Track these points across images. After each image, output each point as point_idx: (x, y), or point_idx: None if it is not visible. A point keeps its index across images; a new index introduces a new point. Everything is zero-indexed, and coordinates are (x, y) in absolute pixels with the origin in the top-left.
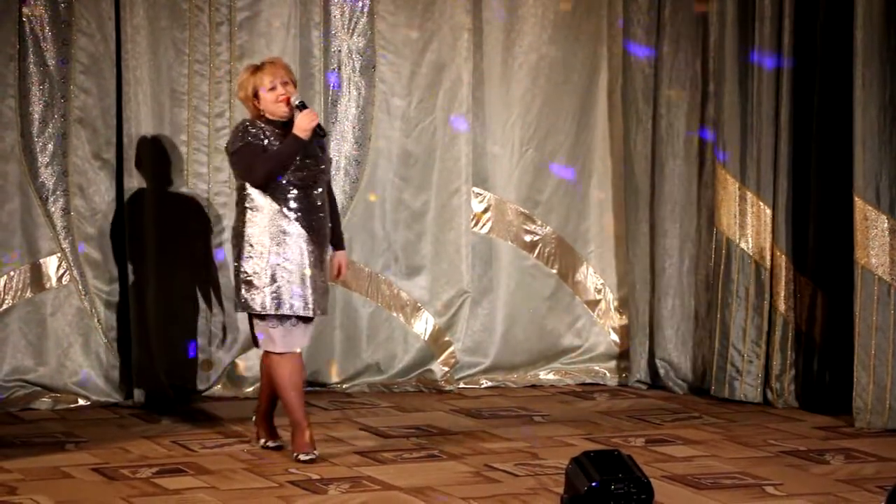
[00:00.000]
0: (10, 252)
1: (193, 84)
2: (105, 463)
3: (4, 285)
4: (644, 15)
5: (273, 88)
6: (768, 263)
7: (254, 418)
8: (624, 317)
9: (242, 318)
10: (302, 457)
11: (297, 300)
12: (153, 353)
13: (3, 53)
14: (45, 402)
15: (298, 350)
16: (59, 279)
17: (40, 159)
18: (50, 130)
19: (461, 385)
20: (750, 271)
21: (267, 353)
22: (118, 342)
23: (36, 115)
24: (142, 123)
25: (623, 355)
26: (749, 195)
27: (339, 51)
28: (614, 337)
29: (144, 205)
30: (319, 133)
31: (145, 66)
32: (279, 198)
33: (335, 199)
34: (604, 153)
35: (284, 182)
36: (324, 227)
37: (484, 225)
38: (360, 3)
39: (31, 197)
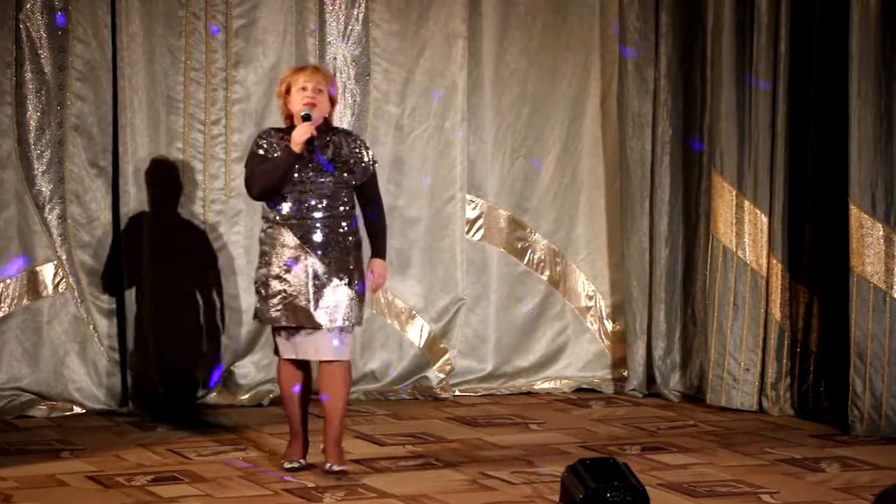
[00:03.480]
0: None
1: (189, 91)
2: (100, 471)
3: (1, 293)
4: (640, 22)
5: (304, 89)
6: (764, 271)
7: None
8: (616, 324)
9: (239, 323)
10: (286, 465)
11: (292, 312)
12: (149, 361)
13: (0, 61)
14: (40, 410)
15: (301, 358)
16: (56, 287)
17: (37, 167)
18: (46, 138)
19: (456, 393)
20: (746, 279)
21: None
22: (114, 350)
23: (32, 123)
24: (137, 131)
25: (617, 363)
26: (746, 203)
27: (335, 58)
28: (606, 343)
29: (140, 212)
30: (310, 147)
31: (141, 74)
32: (295, 210)
33: (380, 207)
34: (595, 160)
35: (301, 195)
36: (343, 240)
37: (476, 232)
38: (356, 12)
39: (27, 204)
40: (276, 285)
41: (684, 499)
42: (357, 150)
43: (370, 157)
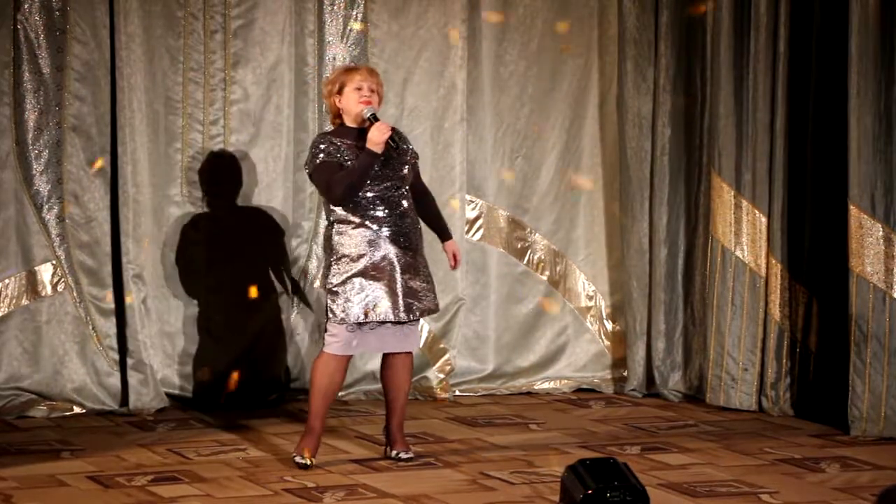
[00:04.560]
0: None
1: (188, 92)
2: (100, 471)
3: (0, 293)
4: (639, 22)
5: (360, 89)
6: (763, 271)
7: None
8: (616, 324)
9: (239, 323)
10: (297, 459)
11: (387, 307)
12: (148, 361)
13: None
14: (40, 410)
15: (379, 352)
16: (55, 287)
17: (35, 167)
18: (45, 138)
19: (456, 393)
20: (745, 279)
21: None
22: (113, 350)
23: (31, 123)
24: (136, 131)
25: (617, 363)
26: (744, 203)
27: (334, 59)
28: (606, 344)
29: (139, 212)
30: (393, 145)
31: (140, 74)
32: (364, 210)
33: (430, 193)
34: (594, 161)
35: (368, 195)
36: (412, 232)
37: (476, 232)
38: (355, 12)
39: (25, 204)
40: (362, 283)
41: (684, 499)
42: (408, 146)
43: (413, 150)
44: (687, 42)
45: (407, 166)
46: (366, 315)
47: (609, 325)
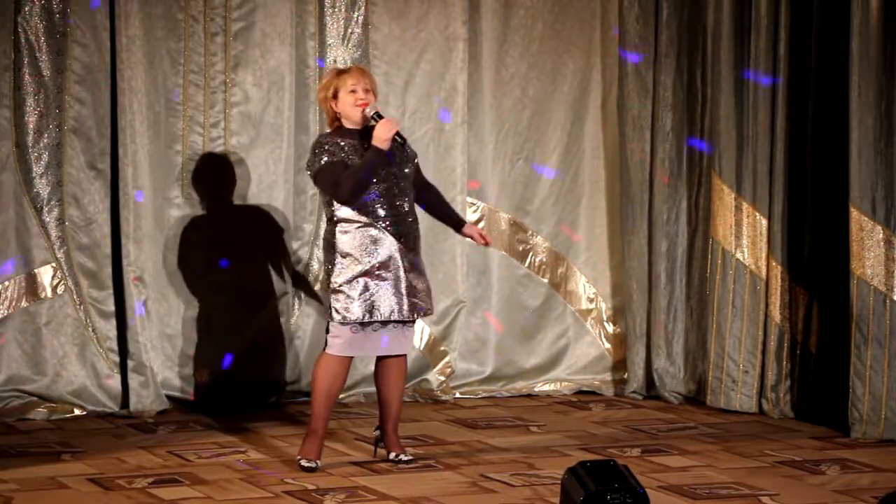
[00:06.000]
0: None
1: (189, 94)
2: (101, 473)
3: None
4: (640, 24)
5: (354, 91)
6: (764, 273)
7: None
8: (617, 326)
9: (239, 325)
10: (303, 462)
11: (392, 306)
12: (149, 363)
13: None
14: (40, 413)
15: (381, 355)
16: (54, 289)
17: (35, 169)
18: (45, 140)
19: (457, 395)
20: (745, 281)
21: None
22: (113, 352)
23: (31, 126)
24: (137, 133)
25: (617, 365)
26: (745, 205)
27: (335, 61)
28: (606, 346)
29: (139, 215)
30: (399, 140)
31: (140, 77)
32: (367, 209)
33: (434, 186)
34: (596, 163)
35: (372, 194)
36: (413, 232)
37: None
38: (356, 14)
39: (25, 207)
40: (367, 282)
41: (684, 501)
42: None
43: (412, 150)
44: (687, 44)
45: (410, 165)
46: (370, 315)
47: (610, 328)
